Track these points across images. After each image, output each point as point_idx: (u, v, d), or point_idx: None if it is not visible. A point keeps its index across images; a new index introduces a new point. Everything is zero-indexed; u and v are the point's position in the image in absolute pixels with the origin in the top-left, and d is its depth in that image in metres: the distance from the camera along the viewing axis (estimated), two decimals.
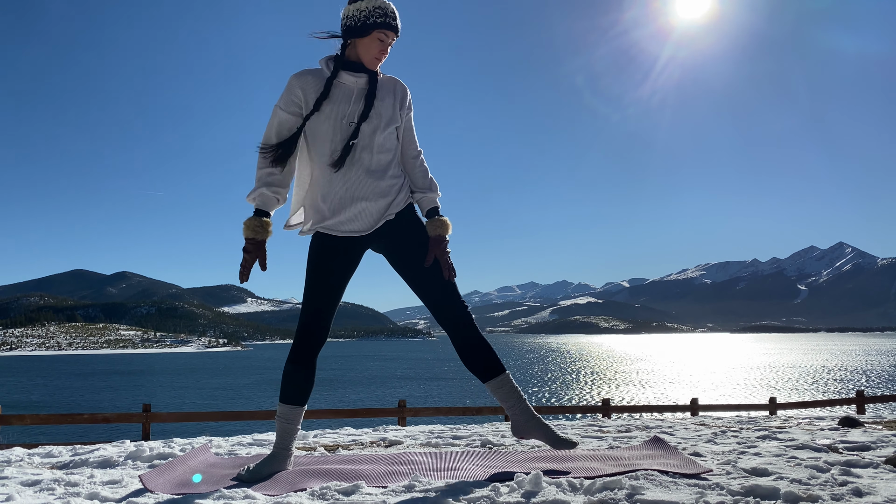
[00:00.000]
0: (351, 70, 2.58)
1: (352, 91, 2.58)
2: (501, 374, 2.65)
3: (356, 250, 2.63)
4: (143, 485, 2.33)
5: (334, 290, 2.60)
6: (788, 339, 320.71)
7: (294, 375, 2.59)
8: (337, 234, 2.59)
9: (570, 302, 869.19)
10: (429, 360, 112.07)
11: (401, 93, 2.67)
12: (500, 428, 4.13)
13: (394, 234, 2.64)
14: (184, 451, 3.13)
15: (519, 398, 2.67)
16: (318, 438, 3.69)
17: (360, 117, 2.55)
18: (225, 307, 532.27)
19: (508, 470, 2.45)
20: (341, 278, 2.61)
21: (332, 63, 2.60)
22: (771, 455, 2.76)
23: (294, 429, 2.60)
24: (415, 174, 2.71)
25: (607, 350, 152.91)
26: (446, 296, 2.63)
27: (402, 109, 2.67)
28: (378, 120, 2.58)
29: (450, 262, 2.64)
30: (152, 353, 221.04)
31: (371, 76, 2.60)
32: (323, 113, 2.56)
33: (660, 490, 2.08)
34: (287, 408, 2.59)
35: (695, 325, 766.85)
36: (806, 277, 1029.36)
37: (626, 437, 3.49)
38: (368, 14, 2.54)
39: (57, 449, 3.46)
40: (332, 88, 2.56)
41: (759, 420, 4.59)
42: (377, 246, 2.68)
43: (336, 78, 2.57)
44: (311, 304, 2.59)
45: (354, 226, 2.58)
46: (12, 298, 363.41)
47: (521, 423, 2.67)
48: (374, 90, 2.59)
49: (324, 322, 2.60)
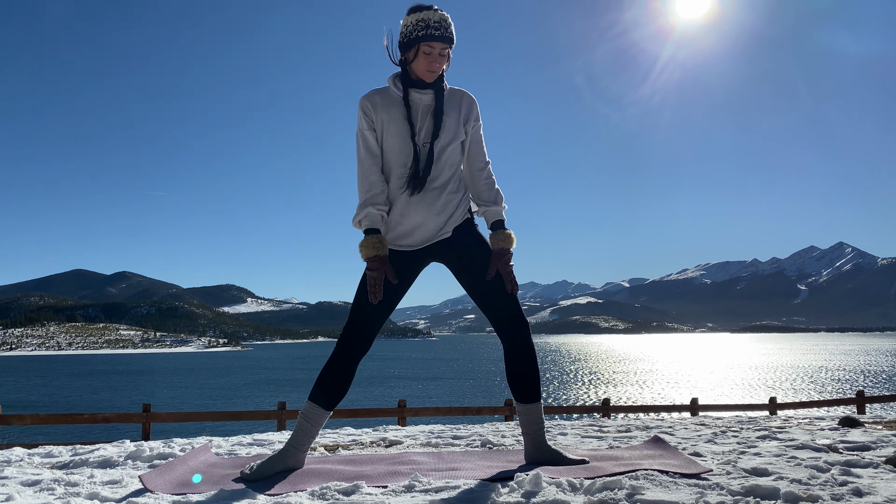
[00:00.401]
0: (417, 87, 2.57)
1: (418, 108, 2.57)
2: (535, 403, 2.64)
3: (413, 265, 2.62)
4: (143, 485, 2.33)
5: (384, 301, 2.58)
6: (788, 339, 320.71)
7: (327, 376, 2.58)
8: (394, 248, 2.59)
9: (570, 302, 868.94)
10: (429, 360, 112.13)
11: (466, 105, 2.65)
12: (500, 428, 4.13)
13: (453, 248, 2.63)
14: (184, 451, 3.13)
15: (540, 428, 2.66)
16: (318, 438, 3.68)
17: (432, 136, 2.55)
18: (225, 307, 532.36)
19: (508, 470, 2.45)
20: (395, 291, 2.59)
21: (399, 81, 2.59)
22: (771, 455, 2.76)
23: (312, 430, 2.58)
24: (480, 186, 2.68)
25: (607, 350, 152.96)
26: (507, 308, 2.61)
27: (469, 122, 2.65)
28: (445, 136, 2.57)
29: (513, 275, 2.62)
30: (152, 353, 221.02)
31: (438, 91, 2.59)
32: (392, 133, 2.56)
33: (660, 490, 2.08)
34: (311, 406, 2.58)
35: (695, 325, 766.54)
36: (806, 277, 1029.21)
37: (626, 437, 3.49)
38: (412, 29, 2.53)
39: (57, 449, 3.45)
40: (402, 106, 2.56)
41: (759, 420, 4.59)
42: (438, 259, 2.67)
43: (407, 97, 2.57)
44: (357, 312, 2.58)
45: (410, 240, 2.58)
46: (12, 298, 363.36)
47: (533, 452, 2.65)
48: (442, 106, 2.57)
49: (367, 330, 2.58)
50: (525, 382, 2.63)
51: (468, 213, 2.69)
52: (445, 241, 2.62)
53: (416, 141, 2.55)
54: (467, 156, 2.69)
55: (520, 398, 2.65)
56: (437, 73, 2.56)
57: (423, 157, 2.55)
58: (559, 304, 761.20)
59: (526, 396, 2.64)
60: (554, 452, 2.64)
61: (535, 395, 2.64)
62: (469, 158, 2.69)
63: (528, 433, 2.66)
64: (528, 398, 2.64)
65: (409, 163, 2.55)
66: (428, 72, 2.54)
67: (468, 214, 2.69)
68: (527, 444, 2.67)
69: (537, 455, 2.64)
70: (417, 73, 2.56)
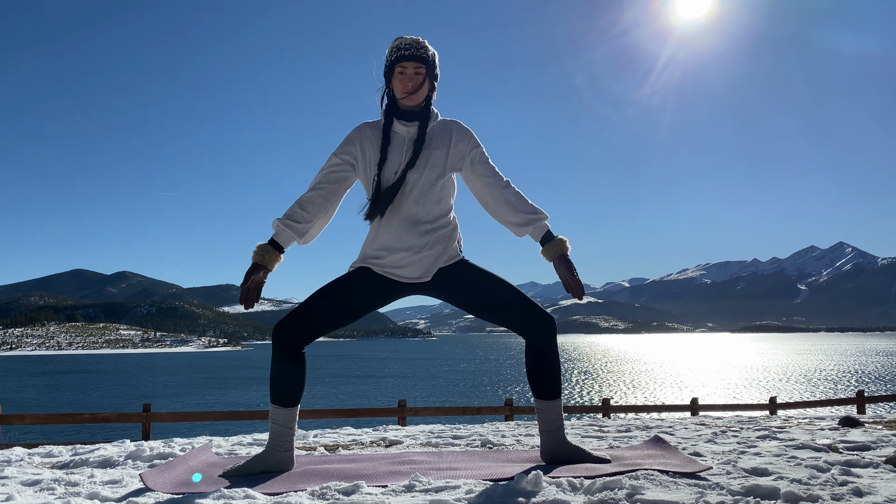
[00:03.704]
0: (405, 119, 2.57)
1: (403, 139, 2.56)
2: (555, 400, 2.60)
3: (391, 293, 2.59)
4: (143, 483, 2.33)
5: (345, 312, 2.54)
6: (788, 338, 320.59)
7: (277, 372, 2.52)
8: (379, 272, 2.56)
9: (570, 302, 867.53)
10: (429, 360, 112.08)
11: (457, 137, 2.61)
12: (500, 428, 4.13)
13: (440, 283, 2.60)
14: (184, 451, 3.14)
15: (561, 425, 2.61)
16: (318, 438, 3.69)
17: (406, 166, 2.52)
18: (225, 307, 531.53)
19: (508, 470, 2.45)
20: (360, 307, 2.57)
21: (385, 113, 2.59)
22: (771, 455, 2.76)
23: (284, 431, 2.53)
24: (511, 205, 2.60)
25: (607, 350, 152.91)
26: (522, 311, 2.57)
27: (465, 154, 2.60)
28: (425, 169, 2.53)
29: (578, 281, 2.57)
30: (152, 352, 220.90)
31: (423, 123, 2.57)
32: (371, 163, 2.56)
33: (660, 490, 2.08)
34: (272, 408, 2.54)
35: (695, 324, 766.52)
36: (806, 277, 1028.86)
37: (626, 437, 3.49)
38: (387, 57, 2.57)
39: (57, 449, 3.45)
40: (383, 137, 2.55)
41: (759, 420, 4.59)
42: (423, 292, 2.62)
43: (391, 128, 2.56)
44: (315, 306, 2.52)
45: (398, 272, 2.55)
46: (12, 298, 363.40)
47: (554, 449, 2.60)
48: (423, 137, 2.55)
49: (316, 326, 2.51)
50: (546, 378, 2.59)
51: (457, 254, 2.63)
52: (433, 279, 2.58)
53: (382, 168, 2.52)
54: (484, 182, 2.62)
55: (539, 394, 2.60)
56: (411, 93, 2.53)
57: (386, 185, 2.51)
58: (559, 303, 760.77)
59: (546, 393, 2.59)
60: (577, 449, 2.59)
61: (556, 392, 2.60)
62: (487, 184, 2.62)
63: (548, 430, 2.60)
64: (548, 395, 2.59)
65: (371, 188, 2.54)
66: (403, 92, 2.53)
67: (460, 255, 2.63)
68: (545, 441, 2.61)
69: (559, 452, 2.58)
70: (396, 98, 2.56)
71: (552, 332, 2.58)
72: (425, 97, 2.59)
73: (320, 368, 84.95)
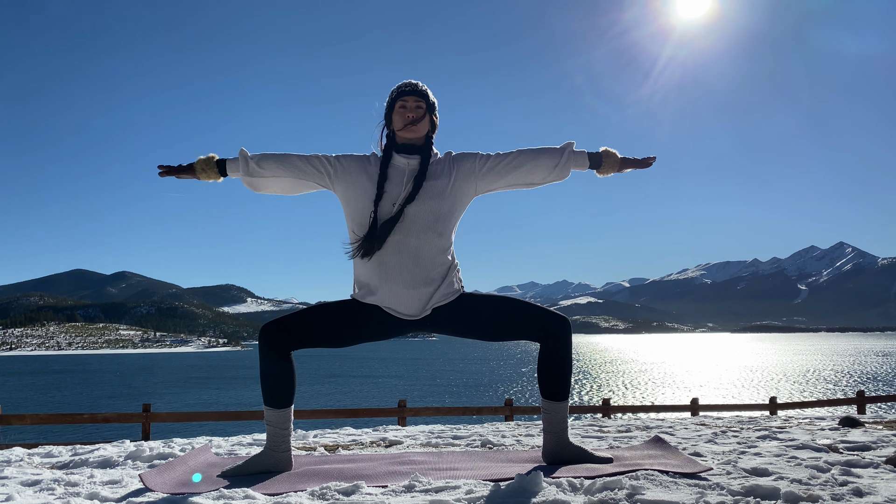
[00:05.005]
0: (405, 152, 2.57)
1: (403, 172, 2.55)
2: (562, 401, 2.61)
3: (391, 329, 2.57)
4: (143, 484, 2.33)
5: (345, 336, 2.54)
6: (788, 338, 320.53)
7: (265, 373, 2.53)
8: (382, 307, 2.53)
9: (571, 302, 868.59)
10: (429, 360, 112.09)
11: (458, 162, 2.61)
12: (500, 428, 4.13)
13: (443, 319, 2.58)
14: (184, 451, 3.14)
15: (565, 427, 2.62)
16: (318, 438, 3.69)
17: (405, 199, 2.50)
18: (225, 307, 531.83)
19: (508, 470, 2.45)
20: (360, 337, 2.57)
21: (385, 146, 2.61)
22: (771, 455, 2.76)
23: (279, 432, 2.54)
24: (545, 160, 2.62)
25: (607, 350, 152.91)
26: (535, 322, 2.57)
27: (472, 172, 2.60)
28: (426, 202, 2.51)
29: (645, 159, 2.72)
30: (152, 353, 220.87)
31: (424, 157, 2.57)
32: (358, 192, 2.54)
33: (660, 490, 2.07)
34: (266, 409, 2.55)
35: (695, 325, 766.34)
36: (806, 277, 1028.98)
37: (626, 437, 3.49)
38: (390, 95, 2.63)
39: (57, 449, 3.46)
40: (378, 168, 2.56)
41: (759, 420, 4.58)
42: (428, 329, 2.59)
43: (389, 162, 2.56)
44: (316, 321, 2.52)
45: (395, 307, 2.52)
46: (12, 298, 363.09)
47: (557, 449, 2.60)
48: (425, 171, 2.54)
49: (310, 339, 2.52)
50: (558, 380, 2.59)
51: (457, 289, 2.59)
52: (426, 321, 2.55)
53: (378, 203, 2.50)
54: (511, 170, 2.61)
55: (549, 395, 2.61)
56: (411, 123, 2.54)
57: (383, 219, 2.48)
58: (559, 303, 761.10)
59: (556, 394, 2.60)
60: (579, 450, 2.60)
61: (565, 394, 2.61)
62: (514, 166, 2.61)
63: (552, 431, 2.60)
64: (558, 396, 2.60)
65: (367, 224, 2.51)
66: (403, 122, 2.55)
67: (457, 291, 2.59)
68: (548, 442, 2.62)
69: (562, 453, 2.58)
70: (396, 131, 2.58)
71: (567, 333, 2.59)
72: (426, 134, 2.61)
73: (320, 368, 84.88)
